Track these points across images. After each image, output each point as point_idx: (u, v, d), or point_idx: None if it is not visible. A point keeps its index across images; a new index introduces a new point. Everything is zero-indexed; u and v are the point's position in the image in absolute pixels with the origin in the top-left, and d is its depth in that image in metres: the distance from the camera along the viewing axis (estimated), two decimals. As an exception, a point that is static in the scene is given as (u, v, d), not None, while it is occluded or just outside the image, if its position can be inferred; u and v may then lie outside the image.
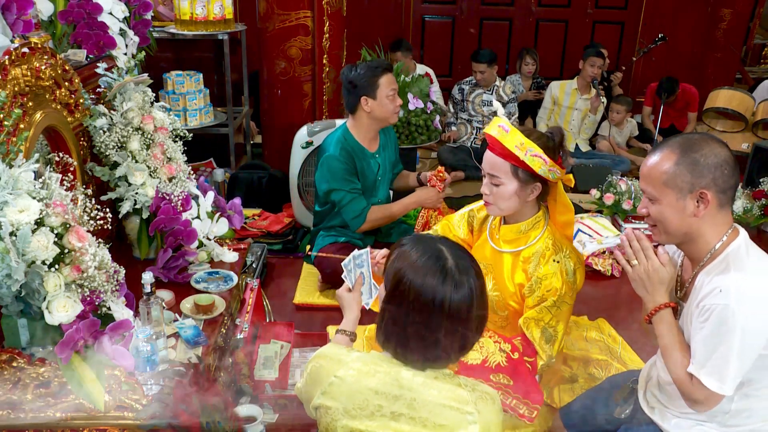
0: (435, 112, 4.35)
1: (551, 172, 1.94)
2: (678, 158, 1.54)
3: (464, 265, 1.32)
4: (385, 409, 1.32)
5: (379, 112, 2.79)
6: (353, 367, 1.36)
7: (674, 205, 1.56)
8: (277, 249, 3.49)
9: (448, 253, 1.33)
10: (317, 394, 1.37)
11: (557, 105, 5.19)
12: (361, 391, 1.33)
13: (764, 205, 3.54)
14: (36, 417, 1.55)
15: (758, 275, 1.52)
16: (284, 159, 3.80)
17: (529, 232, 2.04)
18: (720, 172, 1.52)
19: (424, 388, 1.32)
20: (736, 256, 1.55)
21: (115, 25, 2.46)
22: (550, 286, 1.96)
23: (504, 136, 1.94)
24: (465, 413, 1.30)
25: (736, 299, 1.47)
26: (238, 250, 2.45)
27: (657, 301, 1.64)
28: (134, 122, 2.19)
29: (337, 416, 1.33)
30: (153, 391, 1.66)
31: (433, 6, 6.54)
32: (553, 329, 1.98)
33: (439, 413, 1.30)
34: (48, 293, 1.55)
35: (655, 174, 1.58)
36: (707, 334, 1.52)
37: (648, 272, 1.64)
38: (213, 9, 3.89)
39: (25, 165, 1.61)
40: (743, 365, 1.50)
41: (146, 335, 1.71)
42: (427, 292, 1.29)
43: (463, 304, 1.30)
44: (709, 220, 1.56)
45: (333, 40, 4.18)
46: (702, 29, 6.30)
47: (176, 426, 1.57)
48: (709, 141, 1.56)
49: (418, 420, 1.30)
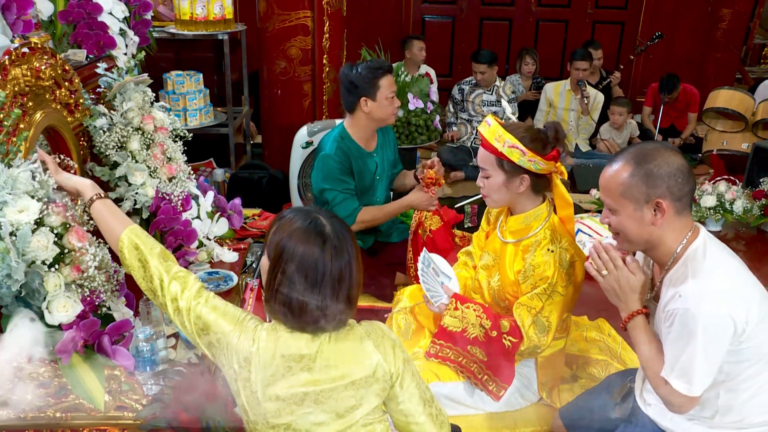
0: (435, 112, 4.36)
1: (531, 162, 1.98)
2: (632, 170, 1.59)
3: (342, 232, 1.41)
4: (295, 368, 1.40)
5: (378, 113, 2.79)
6: (260, 338, 1.43)
7: (632, 215, 1.61)
8: (277, 249, 3.49)
9: (326, 221, 1.41)
10: (231, 361, 1.43)
11: (552, 107, 5.19)
12: (274, 358, 1.40)
13: (764, 205, 3.53)
14: (36, 417, 1.55)
15: (713, 276, 1.56)
16: (284, 159, 3.80)
17: (531, 223, 2.08)
18: (674, 181, 1.57)
19: (327, 346, 1.42)
20: (693, 259, 1.59)
21: (115, 25, 2.46)
22: (542, 274, 2.01)
23: (486, 130, 2.02)
24: (365, 346, 1.45)
25: (695, 302, 1.51)
26: (238, 250, 2.45)
27: (630, 308, 1.69)
28: (134, 122, 2.19)
29: (257, 387, 1.41)
30: (153, 391, 1.66)
31: (433, 6, 6.54)
32: (546, 319, 2.01)
33: (343, 360, 1.42)
34: (48, 293, 1.56)
35: (612, 186, 1.63)
36: (673, 339, 1.57)
37: (619, 281, 1.70)
38: (213, 9, 3.89)
39: (25, 165, 1.61)
40: (710, 365, 1.54)
41: (146, 335, 1.72)
42: (308, 259, 1.36)
43: (344, 269, 1.38)
44: (668, 227, 1.61)
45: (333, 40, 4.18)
46: (702, 29, 6.30)
47: (176, 426, 1.57)
48: (662, 150, 1.60)
49: (331, 367, 1.41)
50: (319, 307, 1.37)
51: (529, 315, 2.01)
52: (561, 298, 2.01)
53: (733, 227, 3.65)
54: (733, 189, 3.57)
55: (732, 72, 6.57)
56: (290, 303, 1.38)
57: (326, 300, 1.37)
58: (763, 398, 1.62)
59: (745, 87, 6.06)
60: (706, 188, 3.60)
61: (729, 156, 5.00)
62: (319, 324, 1.40)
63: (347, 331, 1.46)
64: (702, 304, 1.51)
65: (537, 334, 2.01)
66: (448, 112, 5.19)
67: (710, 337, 1.51)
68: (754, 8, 6.56)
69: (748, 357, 1.57)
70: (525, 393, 2.19)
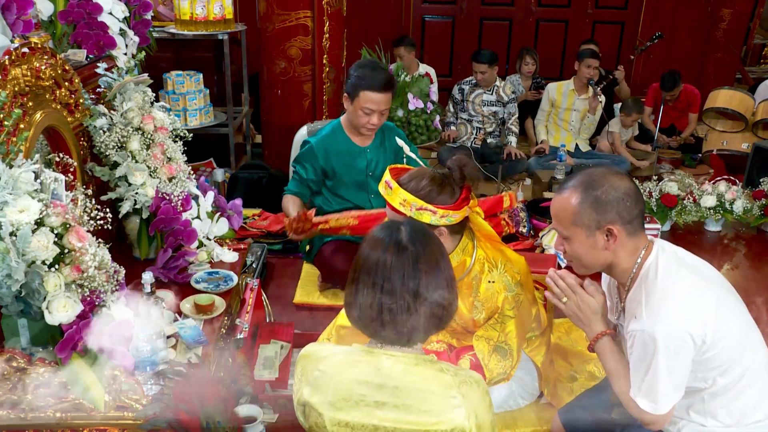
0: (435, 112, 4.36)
1: (444, 218, 1.85)
2: (581, 198, 1.61)
3: (416, 235, 1.36)
4: (369, 399, 1.32)
5: (351, 116, 2.81)
6: (334, 359, 1.37)
7: (585, 242, 1.63)
8: (277, 249, 3.49)
9: (405, 228, 1.38)
10: (303, 390, 1.38)
11: (555, 107, 5.19)
12: (343, 382, 1.34)
13: (764, 205, 3.53)
14: (36, 417, 1.55)
15: (666, 295, 1.57)
16: (284, 159, 3.80)
17: (462, 258, 2.00)
18: (623, 206, 1.59)
19: (405, 375, 1.32)
20: (646, 279, 1.62)
21: (115, 25, 2.47)
22: (492, 307, 1.99)
23: (389, 194, 1.89)
24: (449, 397, 1.31)
25: (650, 324, 1.54)
26: (238, 250, 2.45)
27: (594, 330, 1.72)
28: (134, 122, 2.19)
29: (323, 410, 1.33)
30: (153, 391, 1.66)
31: (433, 6, 6.54)
32: (505, 344, 1.99)
33: (424, 399, 1.31)
34: (48, 293, 1.56)
35: (562, 215, 1.65)
36: (635, 360, 1.60)
37: (579, 306, 1.72)
38: (213, 9, 3.89)
39: (25, 165, 1.61)
40: (675, 382, 1.57)
41: (146, 335, 1.72)
42: (371, 260, 1.33)
43: (404, 265, 1.31)
44: (622, 250, 1.63)
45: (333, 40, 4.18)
46: (702, 29, 6.30)
47: (176, 426, 1.57)
48: (608, 176, 1.62)
49: (403, 407, 1.31)
50: (389, 310, 1.33)
51: (488, 345, 1.99)
52: (513, 320, 2.00)
53: (733, 227, 3.66)
54: (733, 189, 3.57)
55: (732, 72, 6.57)
56: (364, 309, 1.36)
57: (394, 302, 1.33)
58: (749, 395, 1.64)
59: (745, 87, 6.07)
60: (706, 188, 3.60)
61: (729, 156, 5.01)
62: (399, 332, 1.35)
63: (430, 364, 1.36)
64: (658, 325, 1.54)
65: (500, 362, 1.98)
66: (448, 112, 5.18)
67: (671, 355, 1.54)
68: (754, 8, 6.56)
69: (718, 363, 1.59)
70: (522, 393, 2.19)
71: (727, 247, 3.56)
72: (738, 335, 1.60)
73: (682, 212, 3.49)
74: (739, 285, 2.30)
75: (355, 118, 2.78)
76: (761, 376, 1.64)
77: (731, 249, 3.54)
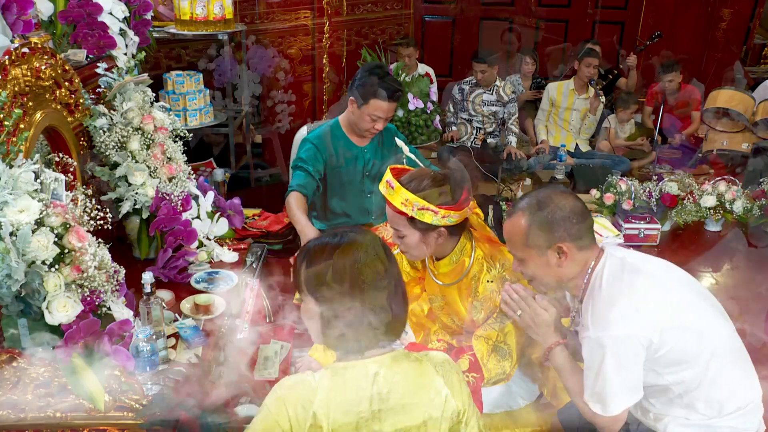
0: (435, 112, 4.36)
1: (445, 219, 1.89)
2: (529, 220, 1.67)
3: None
4: (366, 412, 1.32)
5: (356, 119, 2.81)
6: (322, 389, 1.32)
7: (539, 261, 1.70)
8: (277, 249, 3.49)
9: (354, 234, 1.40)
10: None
11: (555, 106, 5.19)
12: (340, 410, 1.30)
13: (764, 205, 3.53)
14: (36, 417, 1.55)
15: (612, 301, 1.62)
16: (284, 159, 3.80)
17: (461, 259, 2.03)
18: (570, 224, 1.66)
19: (391, 376, 1.34)
20: (593, 288, 1.68)
21: (115, 25, 2.47)
22: (491, 306, 2.00)
23: (390, 194, 1.92)
24: (434, 383, 1.37)
25: (597, 330, 1.61)
26: (238, 250, 2.45)
27: (548, 341, 1.80)
28: (134, 122, 2.19)
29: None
30: (153, 391, 1.66)
31: (433, 6, 6.53)
32: (504, 343, 2.00)
33: (413, 393, 1.35)
34: (48, 293, 1.56)
35: (514, 239, 1.72)
36: (587, 366, 1.66)
37: (533, 318, 1.81)
38: (213, 9, 3.88)
39: (25, 165, 1.61)
40: (626, 385, 1.61)
41: (146, 335, 1.71)
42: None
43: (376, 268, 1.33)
44: (573, 264, 1.70)
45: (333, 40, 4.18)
46: (702, 29, 6.29)
47: (176, 426, 1.57)
48: (552, 196, 1.69)
49: (399, 408, 1.34)
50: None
51: (487, 345, 2.00)
52: (512, 320, 1.99)
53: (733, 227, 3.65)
54: (733, 189, 3.56)
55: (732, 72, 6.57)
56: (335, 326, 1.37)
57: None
58: (720, 385, 1.65)
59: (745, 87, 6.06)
60: (706, 188, 3.59)
61: (729, 156, 5.01)
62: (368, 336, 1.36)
63: (405, 357, 1.39)
64: (604, 331, 1.59)
65: (498, 362, 1.99)
66: (448, 111, 5.18)
67: (619, 359, 1.58)
68: (754, 8, 6.55)
69: (676, 360, 1.61)
70: (522, 393, 2.19)
71: (727, 246, 3.55)
72: (693, 330, 1.62)
73: (682, 212, 3.49)
74: (739, 285, 2.30)
75: (361, 122, 2.79)
76: (728, 366, 1.66)
77: (731, 249, 3.53)
